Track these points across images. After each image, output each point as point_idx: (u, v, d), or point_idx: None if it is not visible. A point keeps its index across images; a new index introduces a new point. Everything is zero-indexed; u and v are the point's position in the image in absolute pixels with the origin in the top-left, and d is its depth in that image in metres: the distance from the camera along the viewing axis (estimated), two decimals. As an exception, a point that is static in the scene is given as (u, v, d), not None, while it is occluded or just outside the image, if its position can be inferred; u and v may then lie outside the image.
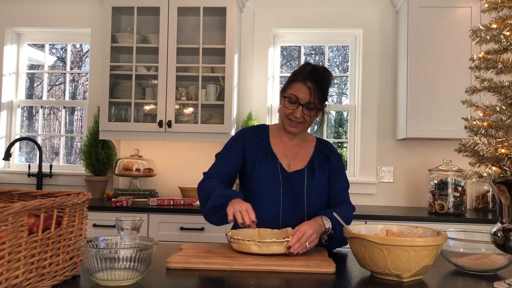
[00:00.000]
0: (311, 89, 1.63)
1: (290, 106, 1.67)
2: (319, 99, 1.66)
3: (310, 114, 1.67)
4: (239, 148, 1.75)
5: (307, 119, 1.68)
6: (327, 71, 1.70)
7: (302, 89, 1.64)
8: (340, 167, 1.79)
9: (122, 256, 1.06)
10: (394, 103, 3.34)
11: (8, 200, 1.28)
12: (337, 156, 1.80)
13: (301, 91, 1.64)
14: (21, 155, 3.80)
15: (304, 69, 1.68)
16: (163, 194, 3.37)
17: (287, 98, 1.67)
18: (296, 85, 1.66)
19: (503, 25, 1.17)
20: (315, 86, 1.63)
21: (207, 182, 1.66)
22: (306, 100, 1.64)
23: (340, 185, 1.76)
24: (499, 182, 1.13)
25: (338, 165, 1.79)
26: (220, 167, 1.73)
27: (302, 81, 1.64)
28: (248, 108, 3.40)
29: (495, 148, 1.09)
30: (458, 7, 2.99)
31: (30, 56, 3.78)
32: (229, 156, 1.75)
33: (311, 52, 3.83)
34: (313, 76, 1.64)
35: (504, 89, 1.15)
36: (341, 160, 1.83)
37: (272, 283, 1.16)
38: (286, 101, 1.68)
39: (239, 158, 1.74)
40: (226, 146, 1.79)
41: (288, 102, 1.67)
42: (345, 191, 1.76)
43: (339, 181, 1.76)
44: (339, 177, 1.77)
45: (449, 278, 1.26)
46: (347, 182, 1.79)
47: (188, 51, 3.27)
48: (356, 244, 1.22)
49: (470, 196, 3.18)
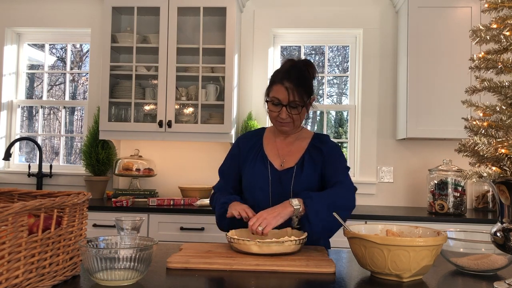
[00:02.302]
0: (289, 89, 1.62)
1: (274, 108, 1.67)
2: (300, 96, 1.63)
3: (295, 112, 1.66)
4: (236, 160, 1.81)
5: (295, 117, 1.67)
6: (308, 64, 1.69)
7: (280, 90, 1.63)
8: (334, 155, 1.72)
9: (122, 256, 1.06)
10: (394, 103, 3.34)
11: (8, 200, 1.28)
12: (331, 147, 1.73)
13: (280, 93, 1.63)
14: (21, 155, 3.80)
15: (283, 67, 1.68)
16: (163, 194, 3.37)
17: (269, 101, 1.68)
18: (275, 88, 1.65)
19: (503, 25, 1.17)
20: (293, 84, 1.62)
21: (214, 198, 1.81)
22: (287, 101, 1.63)
23: (333, 168, 1.68)
24: (499, 182, 1.13)
25: (332, 154, 1.71)
26: (226, 184, 1.83)
27: (279, 82, 1.64)
28: (248, 108, 3.40)
29: (495, 148, 1.09)
30: (458, 7, 2.99)
31: (30, 56, 3.78)
32: (230, 174, 1.83)
33: (311, 52, 3.83)
34: (291, 75, 1.63)
35: (504, 89, 1.15)
36: (337, 149, 1.75)
37: (272, 283, 1.16)
38: (269, 104, 1.69)
39: (238, 174, 1.81)
40: (226, 161, 1.87)
41: (271, 105, 1.67)
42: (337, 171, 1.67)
43: (332, 164, 1.69)
44: (332, 161, 1.70)
45: (449, 278, 1.26)
46: (343, 165, 1.71)
47: (188, 51, 3.27)
48: (356, 244, 1.22)
49: (470, 196, 3.18)
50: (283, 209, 1.49)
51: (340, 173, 1.67)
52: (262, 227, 1.44)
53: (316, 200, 1.49)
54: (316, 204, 1.48)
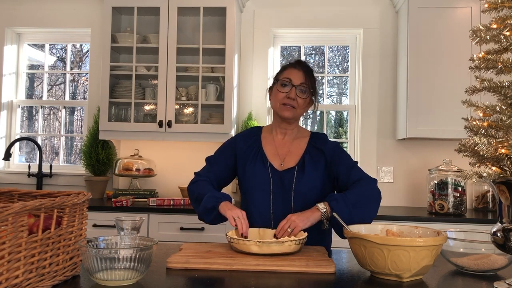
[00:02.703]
0: (303, 71, 1.71)
1: (284, 89, 1.70)
2: (311, 83, 1.72)
3: (303, 97, 1.70)
4: (230, 156, 1.79)
5: (300, 102, 1.70)
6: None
7: (294, 72, 1.71)
8: (338, 153, 1.73)
9: (122, 256, 1.06)
10: (394, 103, 3.34)
11: (8, 200, 1.28)
12: (332, 147, 1.75)
13: (293, 73, 1.71)
14: (21, 155, 3.80)
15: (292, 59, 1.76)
16: (163, 194, 3.37)
17: (279, 81, 1.72)
18: (288, 70, 1.74)
19: (503, 25, 1.17)
20: (305, 71, 1.71)
21: (197, 184, 1.72)
22: (299, 81, 1.69)
23: (346, 167, 1.69)
24: (499, 182, 1.13)
25: (336, 153, 1.73)
26: (210, 172, 1.78)
27: (293, 66, 1.74)
28: (248, 108, 3.40)
29: (495, 148, 1.09)
30: (458, 7, 2.99)
31: (30, 56, 3.78)
32: (219, 163, 1.79)
33: (311, 52, 3.83)
34: (302, 63, 1.75)
35: (504, 89, 1.15)
36: (338, 147, 1.76)
37: (272, 283, 1.16)
38: (278, 84, 1.72)
39: (229, 165, 1.78)
40: (218, 151, 1.83)
41: (281, 85, 1.71)
42: (353, 169, 1.70)
43: (342, 164, 1.70)
44: (341, 160, 1.71)
45: (449, 278, 1.26)
46: (352, 161, 1.73)
47: (188, 51, 3.27)
48: (356, 244, 1.22)
49: (470, 196, 3.18)
50: (312, 213, 1.53)
51: (355, 170, 1.70)
52: (291, 229, 1.47)
53: (341, 201, 1.53)
54: (341, 205, 1.51)
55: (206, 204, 1.61)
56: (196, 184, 1.73)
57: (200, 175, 1.77)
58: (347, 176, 1.68)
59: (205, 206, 1.61)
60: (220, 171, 1.78)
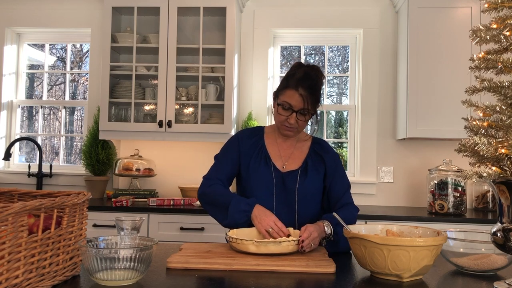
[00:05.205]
0: (303, 96, 1.62)
1: (284, 112, 1.67)
2: (312, 104, 1.66)
3: (304, 120, 1.69)
4: (235, 152, 1.78)
5: (301, 124, 1.70)
6: (319, 72, 1.69)
7: (294, 97, 1.63)
8: (338, 168, 1.78)
9: (122, 256, 1.06)
10: (394, 103, 3.34)
11: (8, 200, 1.28)
12: (333, 157, 1.79)
13: (293, 99, 1.63)
14: (21, 155, 3.80)
15: (296, 72, 1.67)
16: (163, 194, 3.37)
17: (280, 105, 1.68)
18: (288, 92, 1.65)
19: (503, 25, 1.17)
20: (308, 92, 1.63)
21: (212, 189, 1.70)
22: (299, 107, 1.64)
23: (341, 187, 1.75)
24: (499, 182, 1.13)
25: (336, 165, 1.78)
26: (220, 170, 1.77)
27: (294, 88, 1.63)
28: (248, 108, 3.40)
29: (495, 148, 1.09)
30: (458, 7, 2.99)
31: (30, 56, 3.78)
32: (226, 160, 1.78)
33: (311, 52, 3.83)
34: (305, 82, 1.63)
35: (504, 89, 1.15)
36: (339, 159, 1.81)
37: (272, 283, 1.16)
38: (279, 108, 1.68)
39: (235, 161, 1.77)
40: (223, 149, 1.83)
41: (281, 109, 1.67)
42: (347, 192, 1.76)
43: (339, 183, 1.76)
44: (338, 178, 1.77)
45: (449, 278, 1.26)
46: (347, 182, 1.79)
47: (188, 51, 3.27)
48: (356, 244, 1.22)
49: (470, 196, 3.18)
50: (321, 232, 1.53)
51: (347, 194, 1.76)
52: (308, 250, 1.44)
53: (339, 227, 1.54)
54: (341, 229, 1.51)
55: (236, 220, 1.60)
56: (210, 189, 1.71)
57: (211, 178, 1.75)
58: (339, 197, 1.74)
59: (235, 221, 1.60)
60: (228, 167, 1.77)
